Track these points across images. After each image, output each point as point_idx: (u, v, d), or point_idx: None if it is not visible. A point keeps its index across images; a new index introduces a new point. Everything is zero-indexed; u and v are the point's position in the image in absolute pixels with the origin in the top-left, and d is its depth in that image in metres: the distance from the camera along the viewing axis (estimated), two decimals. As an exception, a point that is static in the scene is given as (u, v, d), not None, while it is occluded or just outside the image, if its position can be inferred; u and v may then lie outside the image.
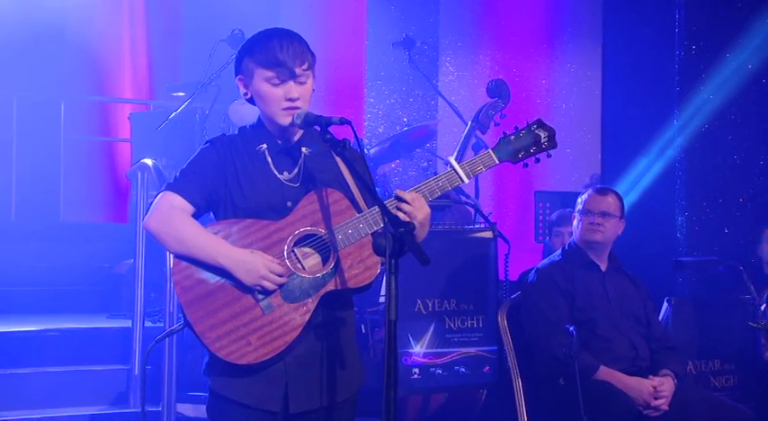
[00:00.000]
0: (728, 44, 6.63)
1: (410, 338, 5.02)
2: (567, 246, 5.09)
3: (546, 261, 5.10)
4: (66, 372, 5.38)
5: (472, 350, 5.17)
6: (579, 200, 5.06)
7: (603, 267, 5.02)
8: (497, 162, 3.31)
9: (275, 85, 3.13)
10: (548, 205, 7.24)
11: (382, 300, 5.25)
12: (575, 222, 5.05)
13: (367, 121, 8.87)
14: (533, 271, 5.05)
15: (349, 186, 3.18)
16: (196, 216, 3.20)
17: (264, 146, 3.22)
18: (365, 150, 6.72)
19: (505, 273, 5.35)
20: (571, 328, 4.39)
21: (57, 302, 6.90)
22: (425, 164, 8.01)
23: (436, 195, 3.22)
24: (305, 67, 3.15)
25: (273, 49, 3.11)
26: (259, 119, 3.28)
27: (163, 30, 9.92)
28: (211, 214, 3.26)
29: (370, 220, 3.09)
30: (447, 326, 5.12)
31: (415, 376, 5.03)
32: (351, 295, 3.26)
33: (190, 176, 3.19)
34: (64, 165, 8.83)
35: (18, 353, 5.48)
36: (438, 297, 5.11)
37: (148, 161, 5.37)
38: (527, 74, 8.69)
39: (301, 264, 3.11)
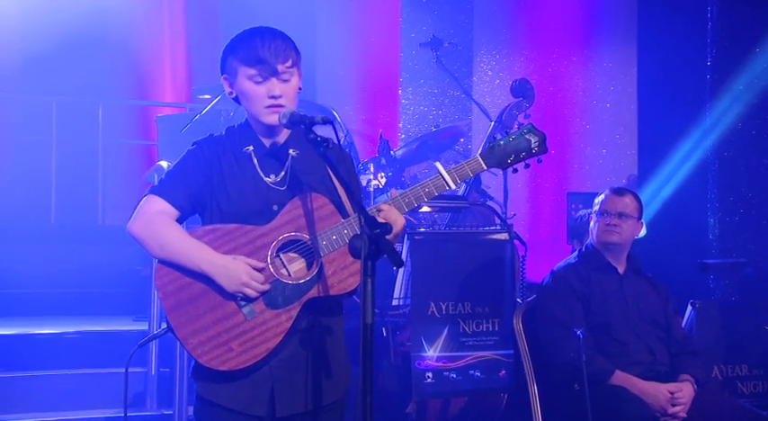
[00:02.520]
0: (762, 40, 6.45)
1: (423, 342, 4.95)
2: (583, 248, 4.98)
3: (562, 263, 4.99)
4: (83, 375, 5.42)
5: (488, 354, 5.08)
6: (596, 201, 4.95)
7: (621, 269, 4.90)
8: (485, 168, 3.25)
9: (258, 82, 3.10)
10: (580, 207, 7.11)
11: (395, 302, 5.21)
12: (591, 223, 4.95)
13: (402, 123, 8.83)
14: (549, 273, 4.95)
15: (336, 189, 3.14)
16: (181, 219, 3.18)
17: (251, 148, 3.19)
18: (391, 152, 6.68)
19: (522, 276, 5.26)
20: (578, 332, 4.29)
21: (85, 305, 6.96)
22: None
23: (423, 201, 3.18)
24: (288, 64, 3.11)
25: (255, 47, 3.08)
26: (246, 119, 3.25)
27: (201, 34, 9.98)
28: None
29: (355, 226, 3.04)
30: (461, 330, 5.03)
31: (429, 380, 4.95)
32: (338, 300, 3.21)
33: (175, 180, 3.17)
34: (102, 169, 8.92)
35: (37, 356, 5.54)
36: (452, 300, 5.02)
37: (164, 163, 5.38)
38: (563, 74, 8.58)
39: (287, 270, 3.08)
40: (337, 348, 3.22)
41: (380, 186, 6.28)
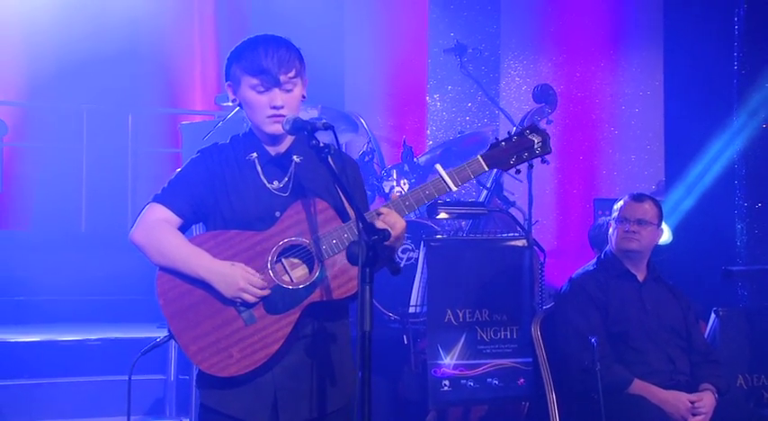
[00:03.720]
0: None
1: (440, 349, 4.92)
2: (602, 255, 4.91)
3: (580, 270, 4.93)
4: (104, 382, 5.42)
5: (506, 362, 5.03)
6: (615, 207, 4.89)
7: (641, 277, 4.83)
8: (486, 169, 3.19)
9: (260, 92, 3.10)
10: (607, 213, 7.03)
11: (412, 309, 5.18)
12: (610, 230, 4.88)
13: (429, 129, 8.80)
14: (567, 280, 4.89)
15: (339, 195, 3.11)
16: (184, 227, 3.18)
17: (255, 155, 3.19)
18: (415, 159, 6.65)
19: (541, 283, 5.20)
20: (593, 340, 4.24)
21: (111, 312, 6.99)
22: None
23: (423, 204, 3.15)
24: (291, 74, 3.11)
25: (258, 57, 3.08)
26: (250, 127, 3.24)
27: (231, 42, 9.94)
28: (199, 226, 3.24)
29: (356, 230, 3.01)
30: (479, 337, 4.99)
31: (446, 388, 4.92)
32: (343, 305, 3.19)
33: (177, 187, 3.18)
34: (132, 177, 8.96)
35: (59, 363, 5.56)
36: (469, 307, 4.99)
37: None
38: (591, 79, 8.50)
39: (288, 275, 3.06)
40: (342, 354, 3.19)
41: (403, 193, 6.25)
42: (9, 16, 9.03)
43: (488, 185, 5.89)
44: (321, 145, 2.98)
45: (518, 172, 3.29)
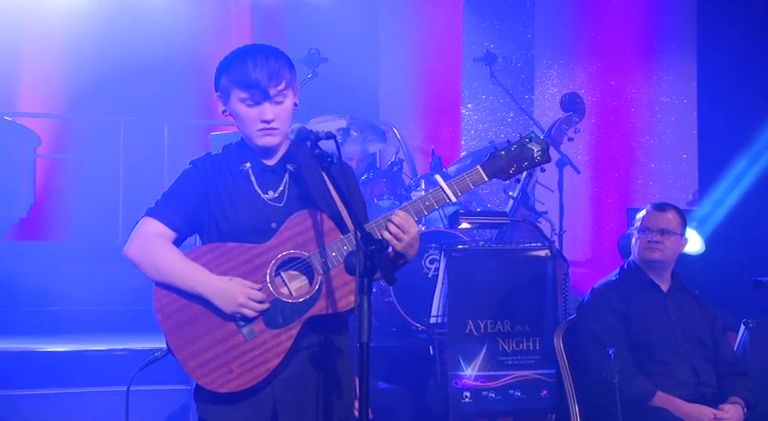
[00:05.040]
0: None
1: (461, 360, 4.88)
2: (626, 266, 4.84)
3: (602, 281, 4.86)
4: (129, 392, 5.41)
5: (528, 373, 4.97)
6: (638, 216, 4.81)
7: (665, 287, 4.74)
8: (486, 179, 3.16)
9: (250, 105, 3.06)
10: (640, 223, 6.94)
11: (433, 320, 5.14)
12: (633, 240, 4.80)
13: (464, 140, 8.77)
14: (589, 291, 4.82)
15: (335, 203, 3.08)
16: (178, 241, 3.15)
17: (248, 165, 3.15)
18: (444, 169, 6.62)
19: (565, 294, 5.14)
20: (610, 351, 4.16)
21: (142, 322, 7.02)
22: (507, 182, 7.81)
23: (423, 215, 3.10)
24: (281, 86, 3.05)
25: (247, 70, 3.03)
26: (242, 137, 3.20)
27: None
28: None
29: (354, 242, 2.98)
30: (501, 348, 4.94)
31: (467, 400, 4.87)
32: (345, 318, 3.15)
33: (170, 201, 3.14)
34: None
35: (85, 373, 5.56)
36: (491, 318, 4.94)
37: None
38: (625, 88, 8.40)
39: (288, 288, 3.04)
40: (345, 366, 3.15)
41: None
42: (50, 29, 9.17)
43: (515, 195, 5.82)
44: (324, 154, 2.95)
45: (518, 181, 3.25)
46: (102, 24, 9.06)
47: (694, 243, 6.02)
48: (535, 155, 3.22)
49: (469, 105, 8.70)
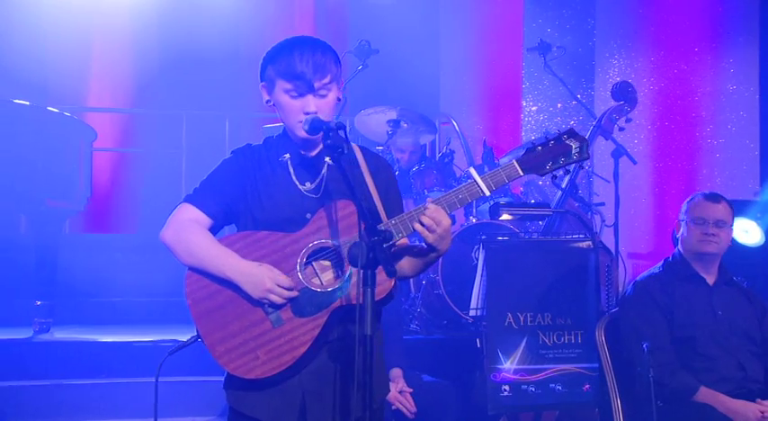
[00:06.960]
0: None
1: (499, 354, 4.81)
2: (670, 258, 4.70)
3: (645, 273, 4.73)
4: (173, 383, 5.44)
5: (570, 367, 4.88)
6: (686, 207, 4.64)
7: (711, 280, 4.60)
8: (521, 174, 3.08)
9: (293, 97, 3.07)
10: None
11: (472, 312, 5.08)
12: (680, 230, 4.64)
13: (524, 131, 8.66)
14: (631, 283, 4.70)
15: (371, 196, 3.08)
16: (215, 228, 3.18)
17: (287, 156, 3.17)
18: (496, 161, 6.54)
19: (608, 286, 5.02)
20: (644, 345, 4.04)
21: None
22: (560, 173, 7.68)
23: (456, 208, 3.05)
24: (326, 80, 3.05)
25: (293, 61, 3.03)
26: (284, 128, 3.22)
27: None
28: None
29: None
30: (541, 342, 4.86)
31: (506, 393, 4.80)
32: (374, 309, 3.12)
33: (208, 188, 3.18)
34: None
35: (134, 363, 5.64)
36: (531, 311, 4.86)
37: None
38: (689, 77, 8.20)
39: (318, 278, 3.03)
40: (373, 358, 3.13)
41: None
42: (117, 26, 9.33)
43: (563, 186, 5.72)
44: (334, 145, 2.93)
45: (555, 178, 3.17)
46: (166, 20, 9.20)
47: (754, 234, 5.84)
48: (573, 151, 3.12)
49: (529, 96, 8.59)
